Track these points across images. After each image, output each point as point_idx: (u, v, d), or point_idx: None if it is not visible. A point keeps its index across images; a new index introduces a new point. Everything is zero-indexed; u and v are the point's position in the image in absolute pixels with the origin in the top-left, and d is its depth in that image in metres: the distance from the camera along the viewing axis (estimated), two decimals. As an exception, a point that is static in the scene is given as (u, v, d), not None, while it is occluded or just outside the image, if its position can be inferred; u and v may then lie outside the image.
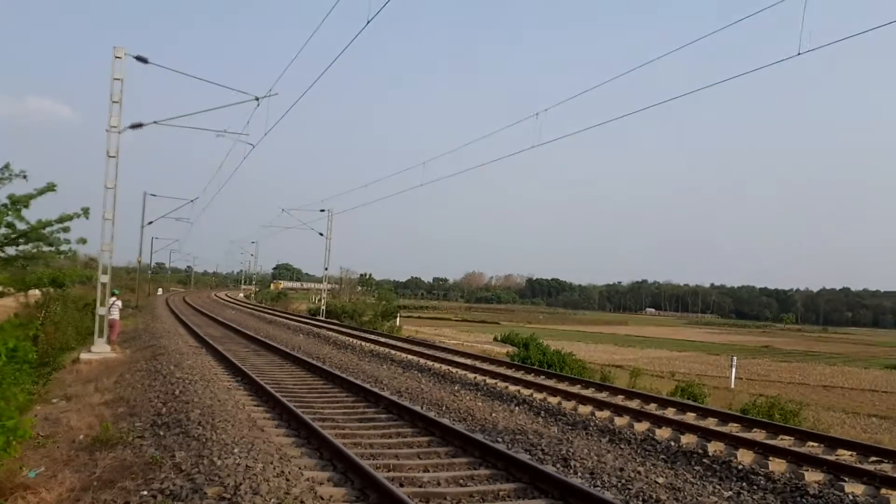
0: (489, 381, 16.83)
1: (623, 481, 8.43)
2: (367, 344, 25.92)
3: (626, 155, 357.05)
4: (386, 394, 13.57)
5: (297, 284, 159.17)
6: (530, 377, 17.93)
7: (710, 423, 12.48)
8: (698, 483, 8.86)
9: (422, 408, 12.62)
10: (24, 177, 22.19)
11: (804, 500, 8.30)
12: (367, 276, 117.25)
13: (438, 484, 7.90)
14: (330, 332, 31.53)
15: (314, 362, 18.40)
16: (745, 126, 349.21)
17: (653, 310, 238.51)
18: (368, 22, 13.96)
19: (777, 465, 9.56)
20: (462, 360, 21.67)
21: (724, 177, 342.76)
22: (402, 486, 7.59)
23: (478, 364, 20.48)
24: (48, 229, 22.44)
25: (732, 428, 12.21)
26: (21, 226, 22.50)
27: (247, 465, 7.74)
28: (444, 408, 13.18)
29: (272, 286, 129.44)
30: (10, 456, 8.38)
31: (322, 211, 50.88)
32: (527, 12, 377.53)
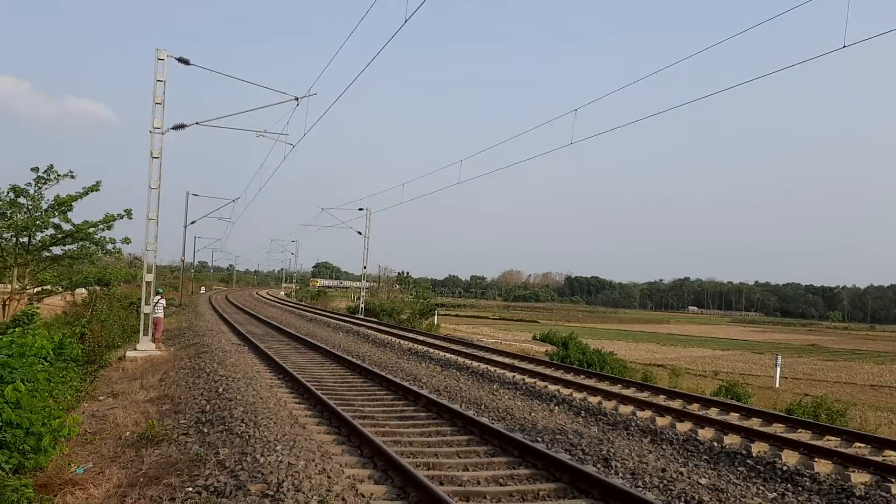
0: (528, 379, 16.77)
1: (665, 482, 8.33)
2: (406, 342, 26.03)
3: (666, 152, 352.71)
4: (425, 392, 13.61)
5: (335, 282, 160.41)
6: (570, 376, 17.82)
7: (755, 424, 12.27)
8: (742, 484, 8.73)
9: (461, 406, 12.63)
10: (73, 176, 22.86)
11: (850, 502, 8.12)
12: (405, 275, 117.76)
13: (478, 483, 7.91)
14: (369, 330, 31.73)
15: (354, 360, 18.53)
16: (788, 120, 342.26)
17: (695, 308, 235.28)
18: (406, 21, 14.02)
19: (823, 467, 9.37)
20: (500, 358, 21.63)
21: (766, 172, 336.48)
22: (441, 484, 7.62)
23: (516, 363, 20.43)
24: (93, 229, 23.08)
25: (777, 428, 12.00)
26: (67, 226, 23.18)
27: (289, 463, 7.83)
28: (482, 406, 13.17)
29: (310, 284, 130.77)
30: (57, 453, 8.62)
31: (360, 210, 51.24)
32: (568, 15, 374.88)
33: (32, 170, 21.91)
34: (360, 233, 51.42)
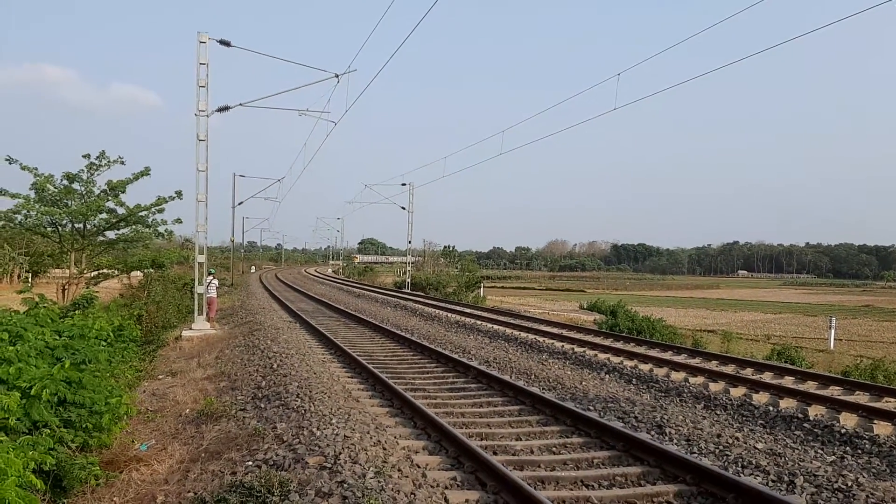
0: (577, 349, 16.73)
1: (721, 447, 8.27)
2: (453, 315, 26.14)
3: (711, 113, 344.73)
4: (475, 363, 13.69)
5: (382, 258, 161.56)
6: (619, 344, 17.72)
7: (810, 387, 12.07)
8: (799, 448, 8.62)
9: (511, 377, 12.68)
10: (122, 162, 23.32)
11: (915, 466, 7.96)
12: (450, 248, 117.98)
13: (531, 452, 7.95)
14: (416, 304, 31.94)
15: (403, 334, 18.70)
16: (837, 78, 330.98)
17: (745, 272, 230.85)
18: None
19: (882, 429, 9.20)
20: (548, 328, 21.60)
21: (815, 130, 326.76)
22: (495, 454, 7.68)
23: (564, 332, 20.37)
24: (144, 212, 23.59)
25: (834, 391, 11.79)
26: (120, 210, 23.73)
27: (345, 435, 7.97)
28: (532, 377, 13.20)
29: (352, 260, 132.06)
30: (119, 431, 8.91)
31: (403, 185, 51.35)
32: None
33: (84, 156, 22.42)
34: (403, 208, 51.62)
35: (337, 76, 21.86)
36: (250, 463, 7.51)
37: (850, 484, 7.02)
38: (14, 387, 7.43)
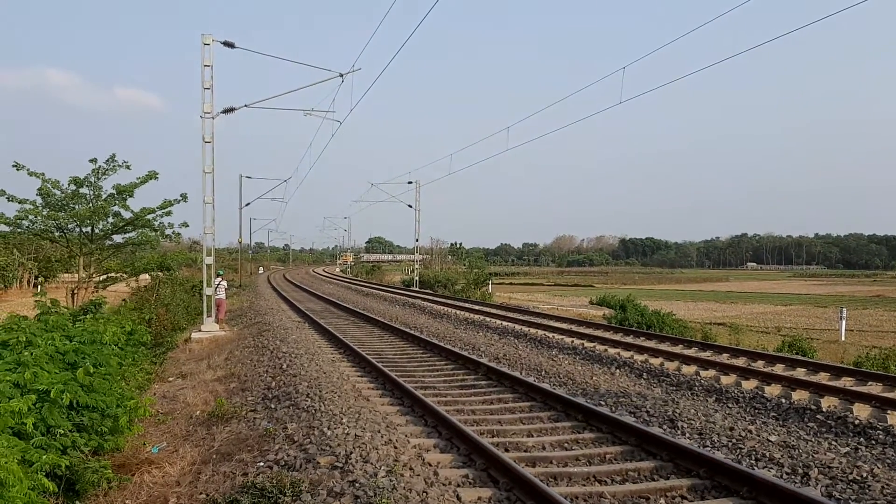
0: (587, 344, 16.69)
1: (734, 440, 8.23)
2: (462, 312, 26.12)
3: (717, 105, 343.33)
4: (484, 360, 13.66)
5: (388, 256, 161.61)
6: (629, 339, 17.68)
7: (822, 378, 12.02)
8: (813, 440, 8.57)
9: (521, 373, 12.65)
10: (128, 167, 23.34)
11: (930, 456, 7.90)
12: (458, 246, 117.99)
13: (543, 448, 7.93)
14: (424, 302, 31.93)
15: (412, 332, 18.69)
16: (846, 65, 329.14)
17: (754, 264, 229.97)
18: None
19: (897, 420, 9.14)
20: (558, 324, 21.56)
21: (824, 119, 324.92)
22: (507, 451, 7.65)
23: (574, 328, 20.33)
24: (151, 216, 23.61)
25: (846, 382, 11.72)
26: (126, 214, 23.76)
27: (355, 435, 7.96)
28: (543, 373, 13.17)
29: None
30: (132, 434, 8.92)
31: (410, 183, 51.37)
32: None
33: (91, 161, 22.43)
34: (410, 206, 51.63)
35: (341, 75, 21.85)
36: (262, 464, 7.50)
37: (864, 475, 6.98)
38: (29, 391, 7.45)
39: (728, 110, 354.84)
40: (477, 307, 29.00)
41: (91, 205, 22.42)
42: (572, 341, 17.24)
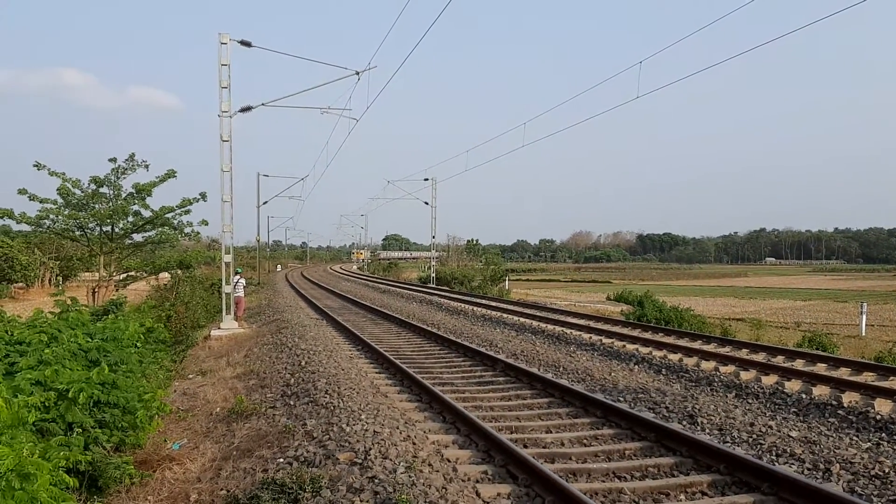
0: (605, 340, 16.63)
1: (754, 436, 8.17)
2: (479, 308, 26.11)
3: (735, 100, 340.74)
4: (502, 357, 13.65)
5: (406, 254, 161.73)
6: (648, 335, 17.59)
7: (843, 373, 11.90)
8: (834, 435, 8.50)
9: (539, 370, 12.64)
10: (147, 166, 23.54)
11: (955, 452, 7.80)
12: (474, 242, 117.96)
13: (562, 444, 7.92)
14: (441, 299, 31.95)
15: (429, 328, 18.71)
16: (866, 57, 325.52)
17: (773, 259, 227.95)
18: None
19: (921, 415, 9.03)
20: (575, 320, 21.49)
21: (842, 113, 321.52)
22: (525, 447, 7.65)
23: (592, 324, 20.26)
24: (170, 214, 23.80)
25: (867, 377, 11.60)
26: (146, 213, 23.97)
27: (374, 431, 7.99)
28: (561, 369, 13.15)
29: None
30: (153, 430, 9.00)
31: (426, 180, 51.40)
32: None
33: (110, 160, 22.64)
34: (426, 203, 51.67)
35: (357, 73, 21.91)
36: (281, 460, 7.55)
37: (887, 470, 6.91)
38: (50, 388, 7.53)
39: (743, 103, 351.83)
40: (494, 304, 28.98)
41: (111, 204, 22.64)
42: (590, 337, 17.19)
